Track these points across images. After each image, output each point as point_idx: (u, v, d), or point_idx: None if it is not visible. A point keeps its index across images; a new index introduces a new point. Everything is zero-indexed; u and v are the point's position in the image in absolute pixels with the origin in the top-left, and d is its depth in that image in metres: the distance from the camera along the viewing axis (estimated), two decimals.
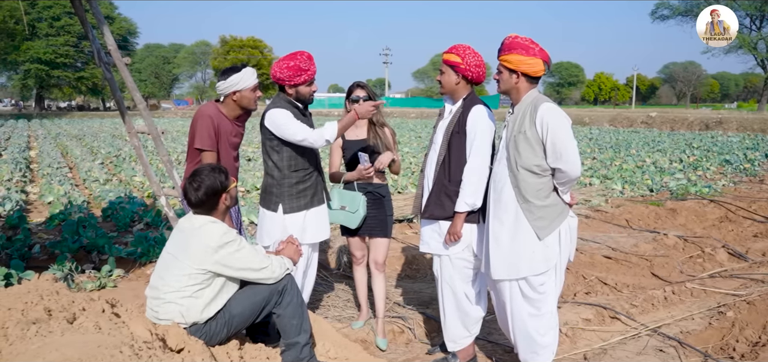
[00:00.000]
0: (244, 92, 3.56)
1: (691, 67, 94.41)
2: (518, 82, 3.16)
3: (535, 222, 3.12)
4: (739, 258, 6.13)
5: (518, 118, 3.15)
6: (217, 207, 2.94)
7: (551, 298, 3.30)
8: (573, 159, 3.03)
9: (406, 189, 9.57)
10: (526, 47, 3.11)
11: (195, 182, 2.89)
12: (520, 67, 3.11)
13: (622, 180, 10.96)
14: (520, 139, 3.10)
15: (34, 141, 23.38)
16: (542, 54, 3.13)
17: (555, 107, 3.08)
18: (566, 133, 3.03)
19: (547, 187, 3.14)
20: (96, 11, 4.54)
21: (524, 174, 3.10)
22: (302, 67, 3.55)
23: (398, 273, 5.75)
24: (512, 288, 3.27)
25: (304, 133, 3.49)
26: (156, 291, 2.83)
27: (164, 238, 5.95)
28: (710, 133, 27.64)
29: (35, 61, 58.69)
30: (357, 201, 3.92)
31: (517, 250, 3.17)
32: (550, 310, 3.30)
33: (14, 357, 2.06)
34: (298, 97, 3.64)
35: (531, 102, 3.12)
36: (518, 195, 3.14)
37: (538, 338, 3.30)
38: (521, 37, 3.15)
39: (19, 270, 4.92)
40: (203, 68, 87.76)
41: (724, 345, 4.05)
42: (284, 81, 3.58)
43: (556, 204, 3.16)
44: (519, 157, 3.11)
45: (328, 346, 3.31)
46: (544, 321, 3.29)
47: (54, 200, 9.16)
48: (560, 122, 3.03)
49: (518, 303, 3.28)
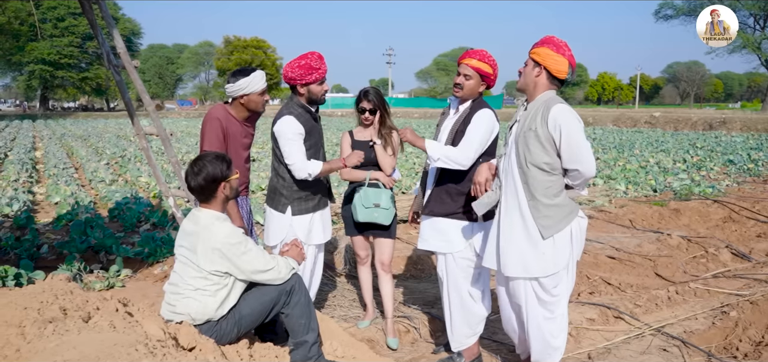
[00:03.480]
0: (252, 96, 3.60)
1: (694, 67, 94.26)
2: (539, 76, 3.12)
3: (540, 220, 3.09)
4: (742, 259, 6.15)
5: (530, 114, 3.12)
6: (216, 196, 2.95)
7: (564, 300, 3.30)
8: (588, 159, 3.03)
9: (411, 189, 9.61)
10: (558, 45, 3.10)
11: (196, 166, 2.92)
12: (547, 61, 3.08)
13: (625, 180, 10.98)
14: (531, 136, 3.07)
15: (40, 141, 23.50)
16: (571, 59, 3.12)
17: (568, 109, 3.05)
18: (580, 134, 3.02)
19: (556, 186, 3.11)
20: (105, 14, 4.59)
21: (534, 171, 3.08)
22: (313, 65, 3.61)
23: (403, 273, 5.79)
24: (527, 291, 3.25)
25: (294, 158, 3.60)
26: (175, 287, 2.89)
27: (171, 238, 6.00)
28: (714, 133, 27.60)
29: (40, 61, 58.97)
30: (389, 198, 3.98)
31: (528, 249, 3.15)
32: (563, 313, 3.31)
33: (33, 355, 2.11)
34: (310, 96, 3.69)
35: (545, 101, 3.09)
36: (526, 191, 3.12)
37: (552, 340, 3.30)
38: (558, 38, 3.15)
39: (29, 270, 4.98)
40: (207, 69, 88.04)
41: (727, 344, 4.07)
42: (296, 80, 3.63)
43: (565, 205, 3.13)
44: (528, 154, 3.07)
45: (335, 345, 3.35)
46: (558, 324, 3.30)
47: (61, 200, 9.24)
48: (573, 124, 3.01)
49: (533, 306, 3.27)
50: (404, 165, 13.01)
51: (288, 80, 3.68)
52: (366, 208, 3.91)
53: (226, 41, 73.06)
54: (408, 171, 12.03)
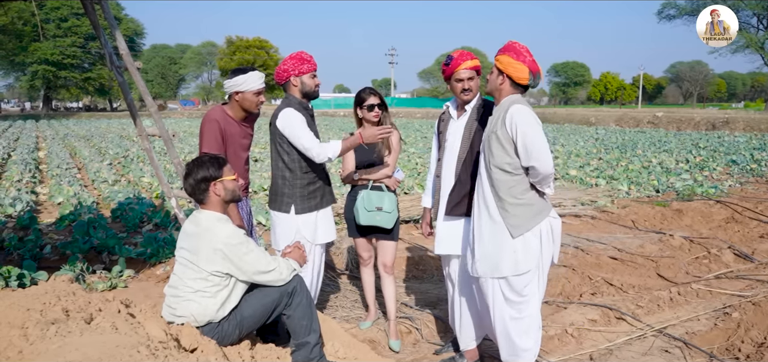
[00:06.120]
0: (246, 94, 3.59)
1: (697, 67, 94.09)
2: (503, 84, 3.22)
3: (508, 219, 3.16)
4: (745, 260, 6.14)
5: (494, 118, 3.22)
6: (209, 197, 2.97)
7: (534, 301, 3.31)
8: (544, 156, 3.07)
9: (413, 190, 9.61)
10: (517, 52, 3.17)
11: (187, 169, 2.99)
12: (508, 69, 3.17)
13: (628, 180, 10.96)
14: (493, 139, 3.16)
15: (43, 142, 23.56)
16: (532, 65, 3.16)
17: (525, 108, 3.12)
18: (535, 131, 3.08)
19: (520, 186, 3.16)
20: (108, 15, 4.61)
21: (497, 172, 3.15)
22: (304, 58, 3.66)
23: (405, 274, 5.79)
24: (494, 290, 3.29)
25: (311, 143, 3.54)
26: (175, 290, 2.90)
27: (173, 239, 6.02)
28: (717, 133, 27.53)
29: (43, 62, 59.16)
30: (392, 201, 3.97)
31: (498, 249, 3.20)
32: (532, 313, 3.31)
33: (36, 357, 2.12)
34: (304, 90, 3.68)
35: (506, 105, 3.17)
36: (493, 193, 3.19)
37: (518, 341, 3.31)
38: (519, 44, 3.21)
39: (32, 270, 5.00)
40: (209, 69, 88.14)
41: (729, 346, 4.07)
42: (289, 72, 3.64)
43: (532, 205, 3.18)
44: (492, 157, 3.17)
45: (337, 346, 3.35)
46: (525, 324, 3.30)
47: (64, 201, 9.26)
48: (528, 121, 3.07)
49: (500, 305, 3.31)
50: (407, 165, 13.02)
51: (281, 77, 3.70)
52: (368, 212, 3.91)
53: (228, 41, 73.11)
54: (410, 171, 12.03)
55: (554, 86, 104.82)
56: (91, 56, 62.79)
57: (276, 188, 3.74)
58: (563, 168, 12.82)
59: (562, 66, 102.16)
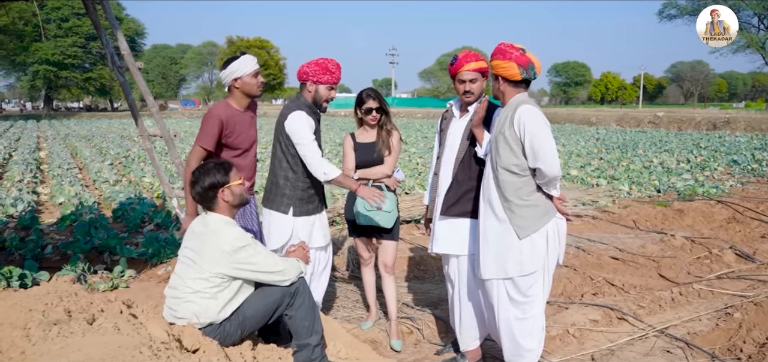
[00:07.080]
0: (245, 78, 3.57)
1: (698, 67, 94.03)
2: (501, 86, 3.25)
3: (515, 221, 3.16)
4: (746, 260, 6.13)
5: (501, 119, 3.22)
6: (217, 202, 2.98)
7: (538, 302, 3.31)
8: (550, 159, 3.07)
9: (414, 190, 9.61)
10: (503, 51, 3.19)
11: (194, 176, 2.99)
12: (498, 71, 3.20)
13: (629, 180, 10.96)
14: (500, 140, 3.16)
15: (44, 142, 23.57)
16: (519, 59, 3.15)
17: (533, 109, 3.12)
18: (543, 133, 3.07)
19: (527, 187, 3.17)
20: (109, 15, 4.61)
21: (504, 174, 3.16)
22: (329, 68, 3.64)
23: (406, 274, 5.79)
24: (499, 290, 3.30)
25: (312, 153, 3.55)
26: (175, 291, 2.90)
27: (174, 239, 6.02)
28: (718, 132, 27.52)
29: (44, 62, 59.22)
30: (392, 201, 3.97)
31: (505, 250, 3.20)
32: (536, 314, 3.31)
33: (38, 358, 2.13)
34: (315, 98, 3.67)
35: (514, 104, 3.17)
36: (500, 194, 3.19)
37: (522, 341, 3.32)
38: (507, 43, 3.22)
39: (33, 270, 5.00)
40: (210, 69, 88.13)
41: (731, 346, 4.06)
42: (308, 76, 3.63)
43: (539, 206, 3.18)
44: (498, 158, 3.17)
45: (338, 346, 3.36)
46: (529, 325, 3.31)
47: (65, 201, 9.27)
48: (537, 123, 3.07)
49: (505, 305, 3.31)
50: (407, 165, 13.01)
51: (300, 76, 3.69)
52: (368, 212, 3.91)
53: (229, 41, 73.08)
54: (411, 171, 12.03)
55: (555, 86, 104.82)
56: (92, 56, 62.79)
57: (276, 187, 3.72)
58: (564, 168, 12.80)
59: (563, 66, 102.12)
